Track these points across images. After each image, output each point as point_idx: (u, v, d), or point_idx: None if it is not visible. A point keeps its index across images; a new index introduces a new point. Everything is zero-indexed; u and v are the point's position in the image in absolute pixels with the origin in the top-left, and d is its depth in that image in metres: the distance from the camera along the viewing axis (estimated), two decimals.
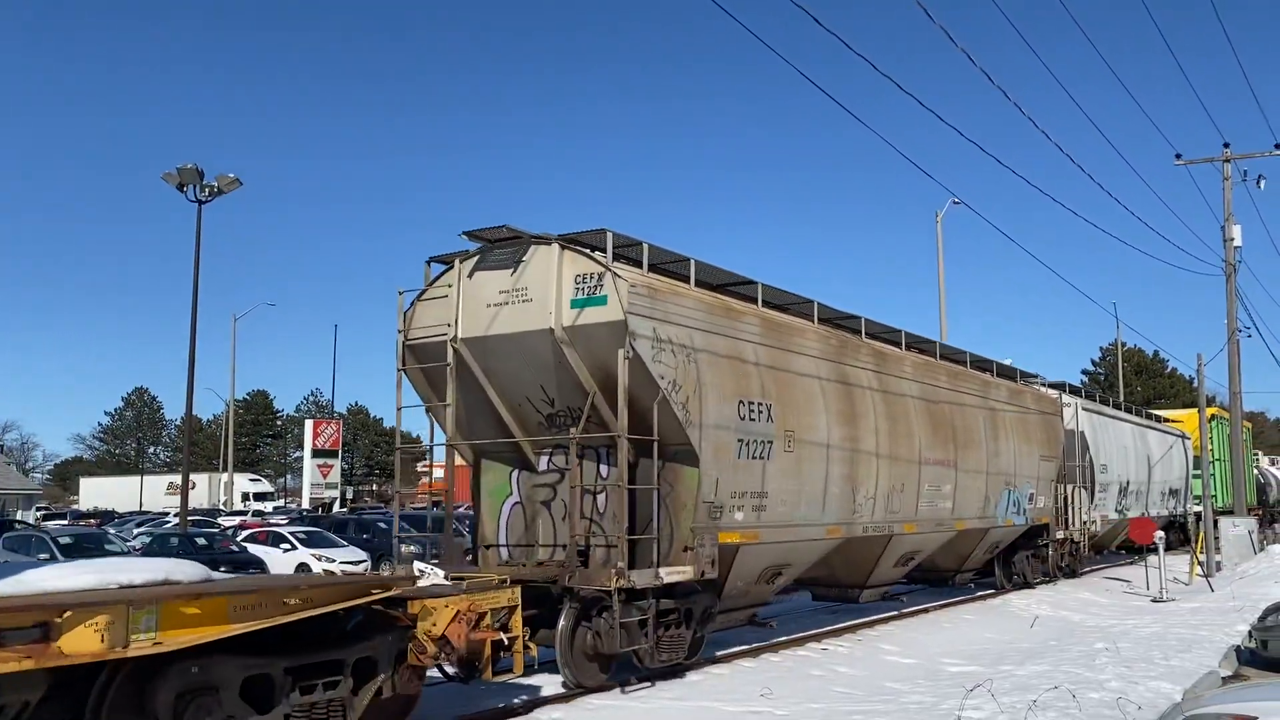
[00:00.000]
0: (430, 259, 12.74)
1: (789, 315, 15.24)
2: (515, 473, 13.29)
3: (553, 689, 11.64)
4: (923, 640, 16.05)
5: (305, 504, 68.92)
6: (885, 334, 18.06)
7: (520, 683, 11.42)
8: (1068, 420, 25.18)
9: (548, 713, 10.73)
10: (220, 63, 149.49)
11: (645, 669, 12.05)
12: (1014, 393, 21.75)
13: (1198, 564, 27.51)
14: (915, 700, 11.50)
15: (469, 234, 12.09)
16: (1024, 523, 21.71)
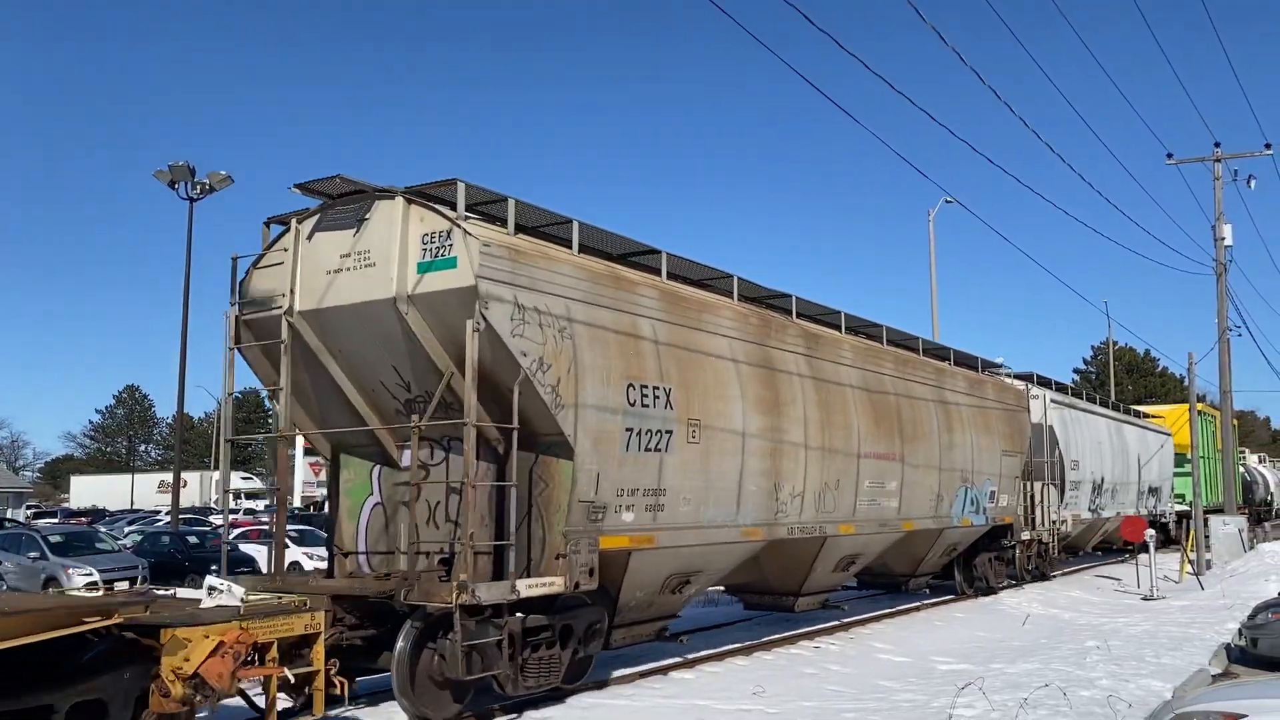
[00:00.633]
0: (268, 219, 10.83)
1: (704, 291, 13.34)
2: (376, 469, 11.37)
3: None
4: (915, 638, 15.75)
5: (297, 502, 67.20)
6: (822, 315, 16.15)
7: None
8: (1035, 413, 23.27)
9: (543, 713, 10.36)
10: (220, 62, 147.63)
11: (511, 697, 10.16)
12: (973, 383, 19.83)
13: (1188, 562, 26.98)
14: (907, 698, 11.29)
15: (300, 187, 10.14)
16: (984, 523, 19.79)
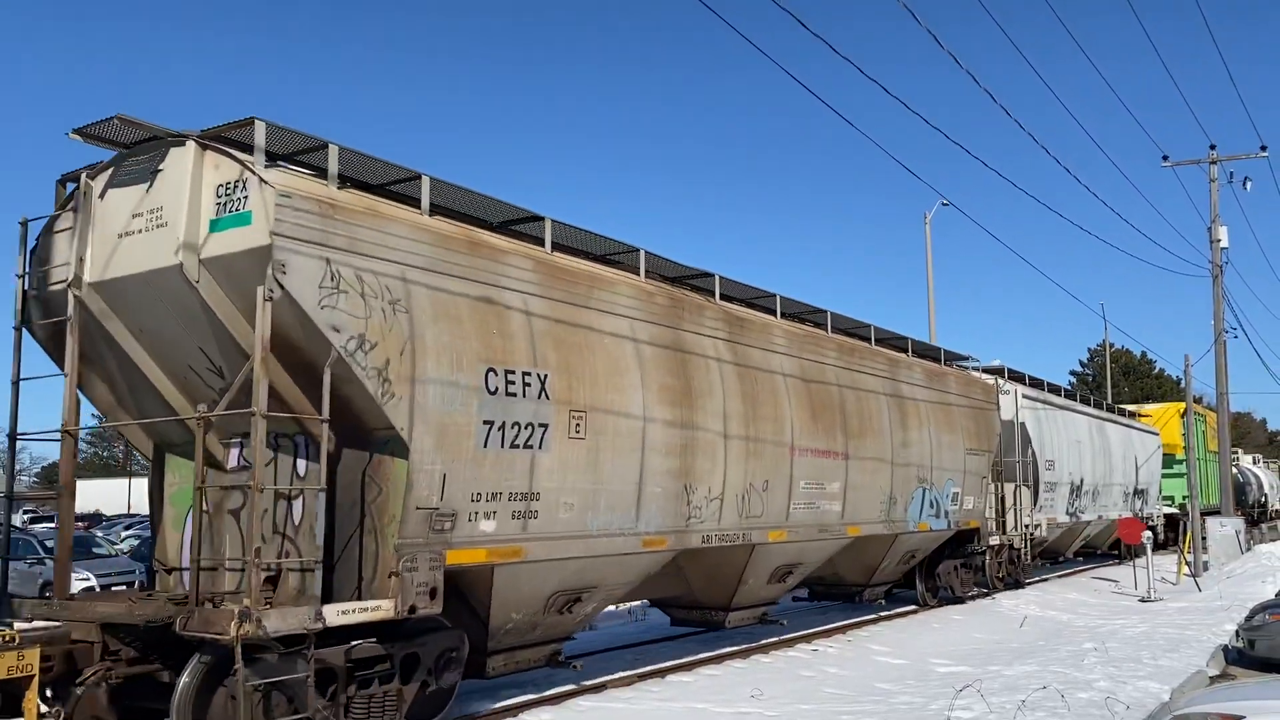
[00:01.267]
0: (62, 176, 9.02)
1: (605, 266, 11.55)
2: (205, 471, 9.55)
3: None
4: (912, 641, 15.54)
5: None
6: (756, 299, 14.34)
7: None
8: (1006, 410, 21.42)
9: (536, 715, 10.25)
10: (219, 63, 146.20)
11: None
12: (934, 375, 18.00)
13: (1185, 564, 26.66)
14: (905, 701, 11.16)
15: (79, 133, 8.32)
16: (946, 527, 17.95)
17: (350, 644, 8.29)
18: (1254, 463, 68.63)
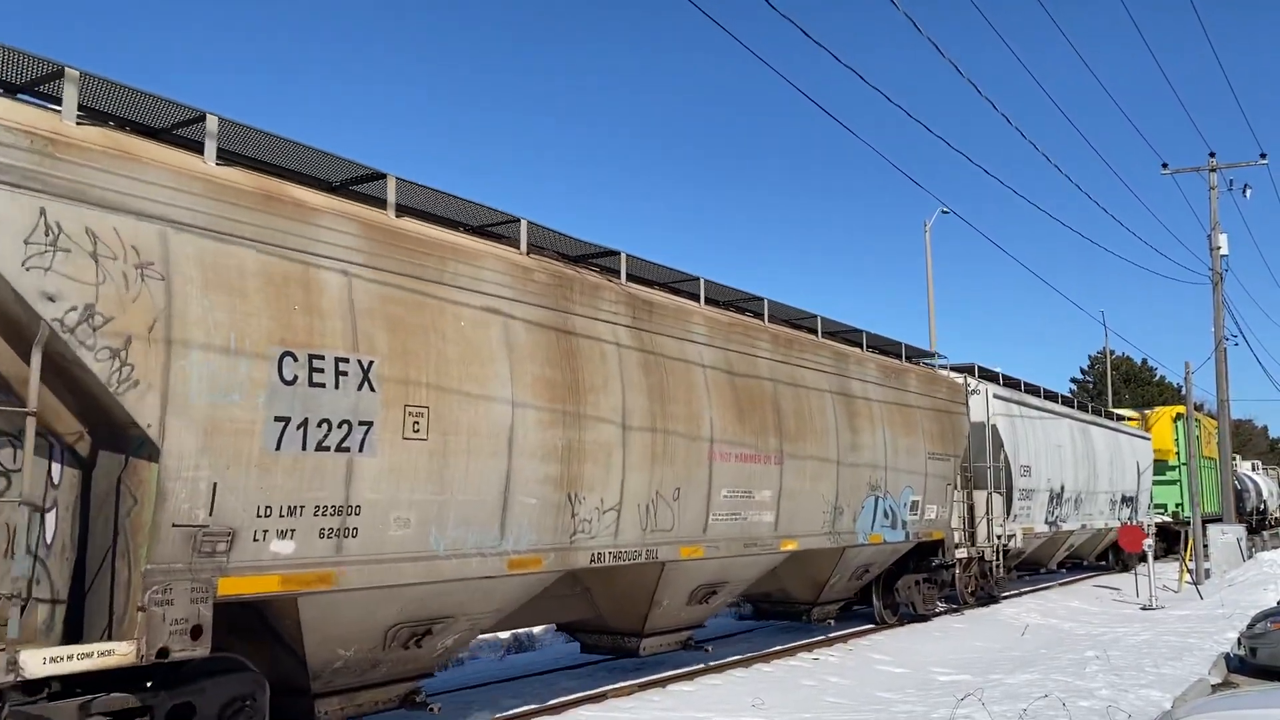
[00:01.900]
0: None
1: (475, 238, 9.74)
2: None
3: None
4: (914, 649, 15.25)
5: None
6: (675, 282, 12.54)
7: None
8: (976, 411, 19.55)
9: None
10: (216, 64, 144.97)
11: None
12: (891, 372, 16.15)
13: (1187, 572, 26.35)
14: (905, 710, 11.06)
15: None
16: (904, 539, 16.08)
17: (87, 697, 6.48)
18: (1253, 469, 66.60)
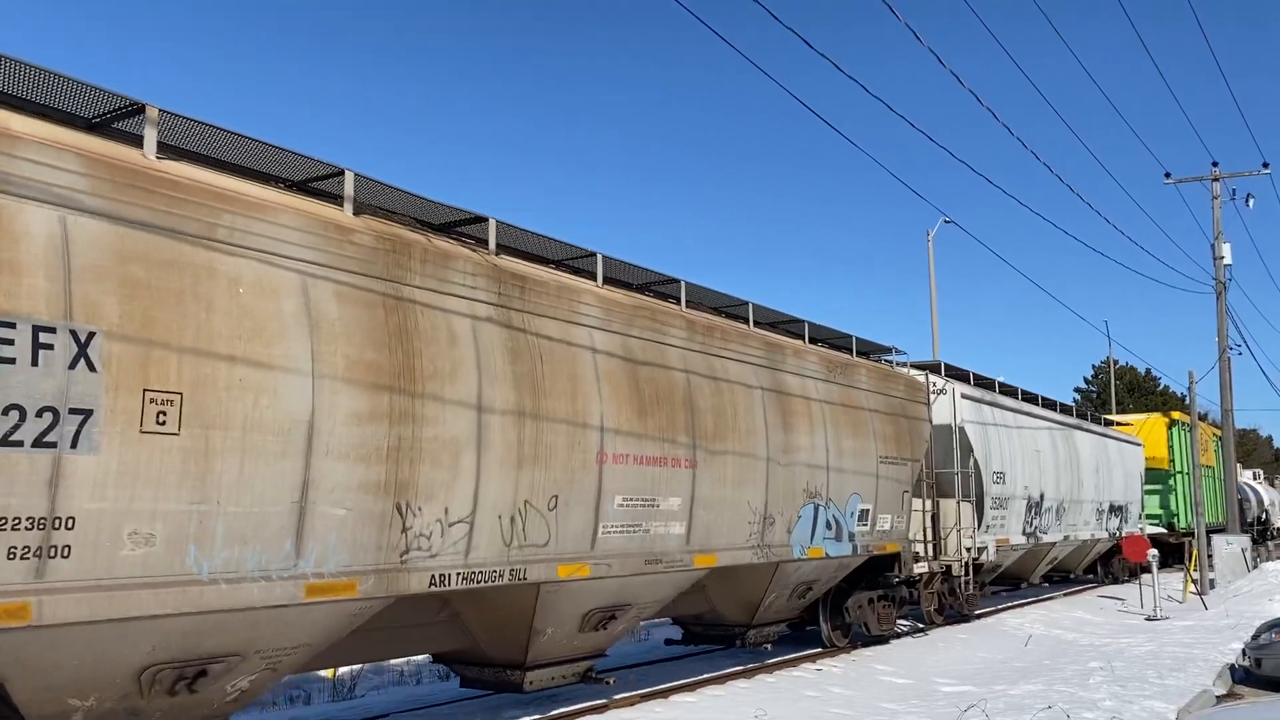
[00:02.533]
0: None
1: (284, 192, 7.94)
2: None
3: None
4: (917, 660, 14.99)
5: None
6: (570, 258, 10.76)
7: None
8: (941, 412, 17.69)
9: None
10: (216, 64, 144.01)
11: None
12: (836, 366, 14.29)
13: (1191, 582, 26.01)
14: None
15: None
16: (850, 552, 14.19)
17: None
18: (1254, 478, 64.49)
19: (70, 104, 7.03)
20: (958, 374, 18.99)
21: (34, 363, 5.81)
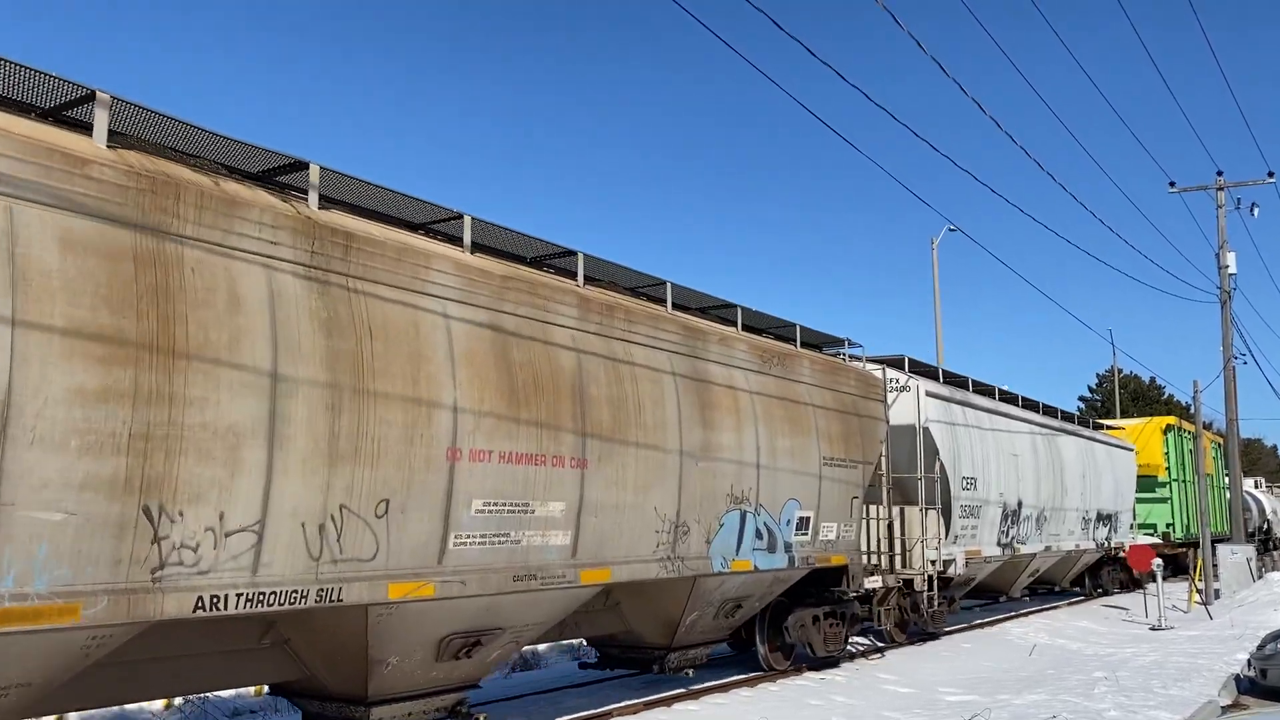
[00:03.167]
0: None
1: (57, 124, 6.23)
2: None
3: None
4: (921, 668, 14.65)
5: None
6: (434, 221, 9.03)
7: None
8: (903, 411, 15.89)
9: None
10: (220, 64, 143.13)
11: None
12: (771, 357, 12.51)
13: (1196, 592, 25.34)
14: None
15: None
16: (786, 564, 12.38)
17: None
18: (1255, 486, 62.42)
19: None
20: (924, 370, 17.19)
21: None
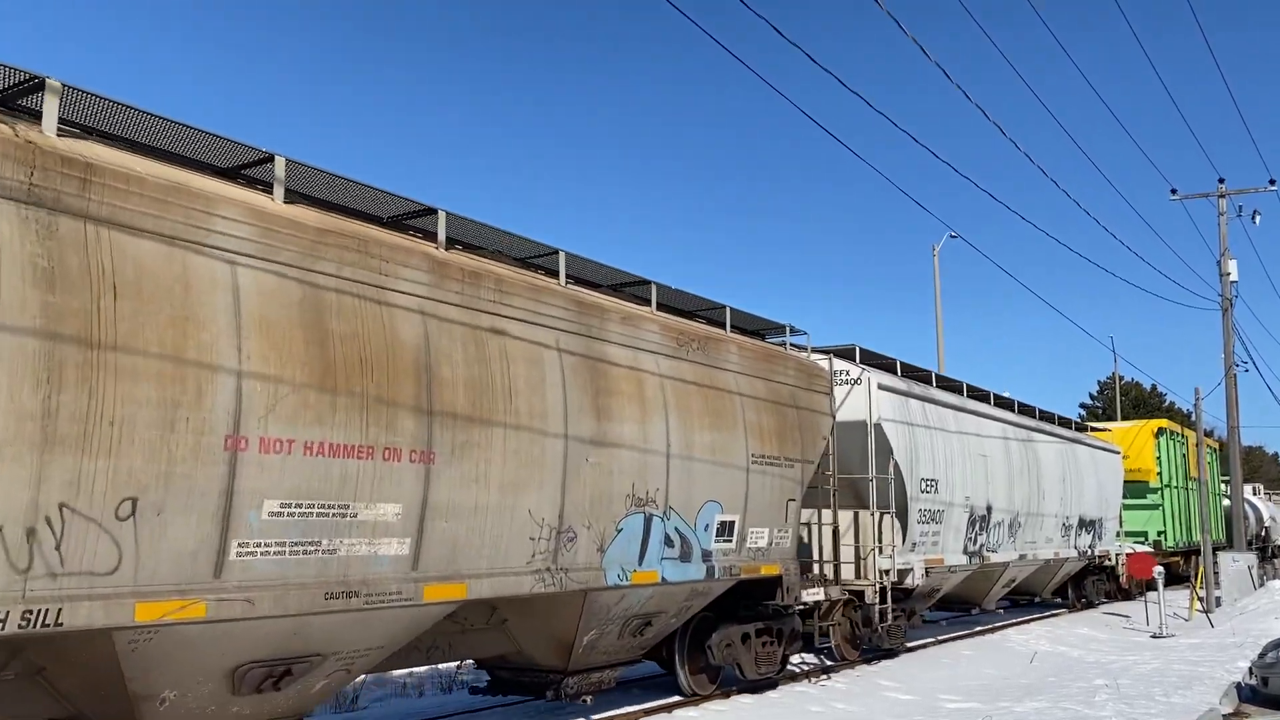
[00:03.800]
0: None
1: None
2: None
3: None
4: (922, 676, 14.15)
5: None
6: (246, 165, 7.41)
7: None
8: (853, 406, 14.22)
9: None
10: (213, 64, 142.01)
11: None
12: (690, 340, 10.85)
13: (1197, 600, 24.76)
14: None
15: None
16: (704, 576, 10.69)
17: None
18: (1253, 493, 60.57)
19: None
20: (879, 362, 15.49)
21: None
